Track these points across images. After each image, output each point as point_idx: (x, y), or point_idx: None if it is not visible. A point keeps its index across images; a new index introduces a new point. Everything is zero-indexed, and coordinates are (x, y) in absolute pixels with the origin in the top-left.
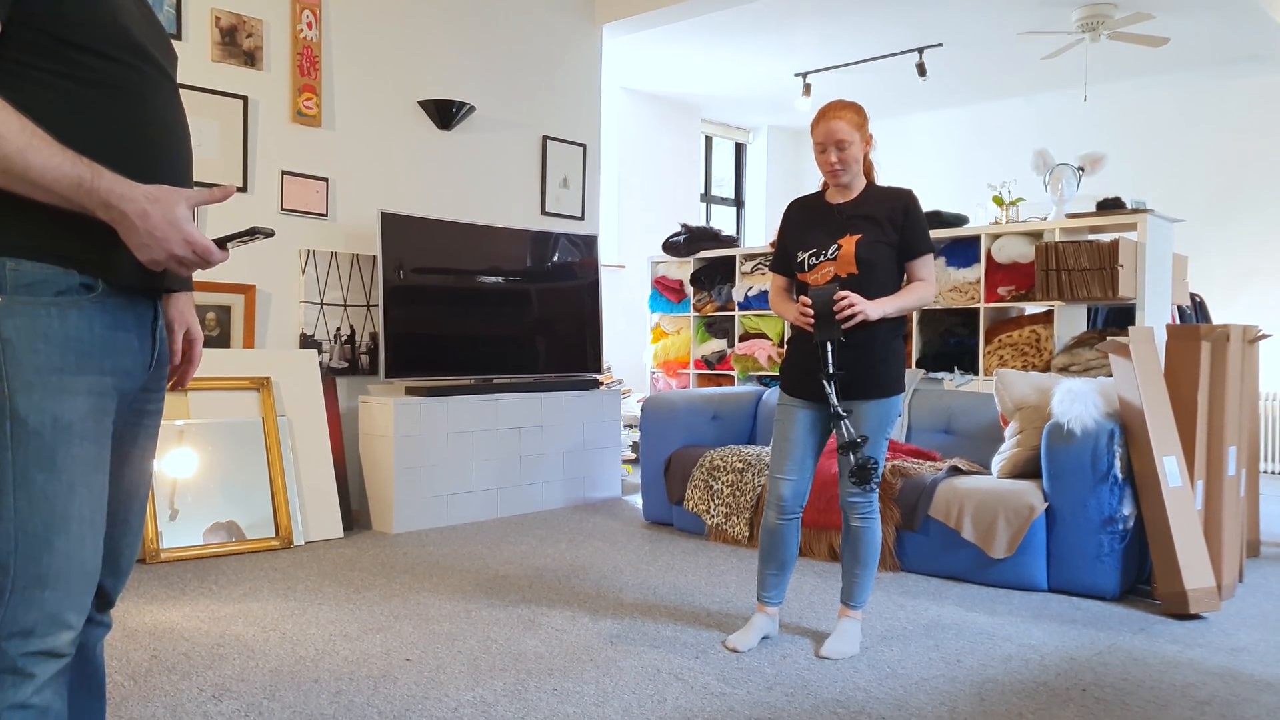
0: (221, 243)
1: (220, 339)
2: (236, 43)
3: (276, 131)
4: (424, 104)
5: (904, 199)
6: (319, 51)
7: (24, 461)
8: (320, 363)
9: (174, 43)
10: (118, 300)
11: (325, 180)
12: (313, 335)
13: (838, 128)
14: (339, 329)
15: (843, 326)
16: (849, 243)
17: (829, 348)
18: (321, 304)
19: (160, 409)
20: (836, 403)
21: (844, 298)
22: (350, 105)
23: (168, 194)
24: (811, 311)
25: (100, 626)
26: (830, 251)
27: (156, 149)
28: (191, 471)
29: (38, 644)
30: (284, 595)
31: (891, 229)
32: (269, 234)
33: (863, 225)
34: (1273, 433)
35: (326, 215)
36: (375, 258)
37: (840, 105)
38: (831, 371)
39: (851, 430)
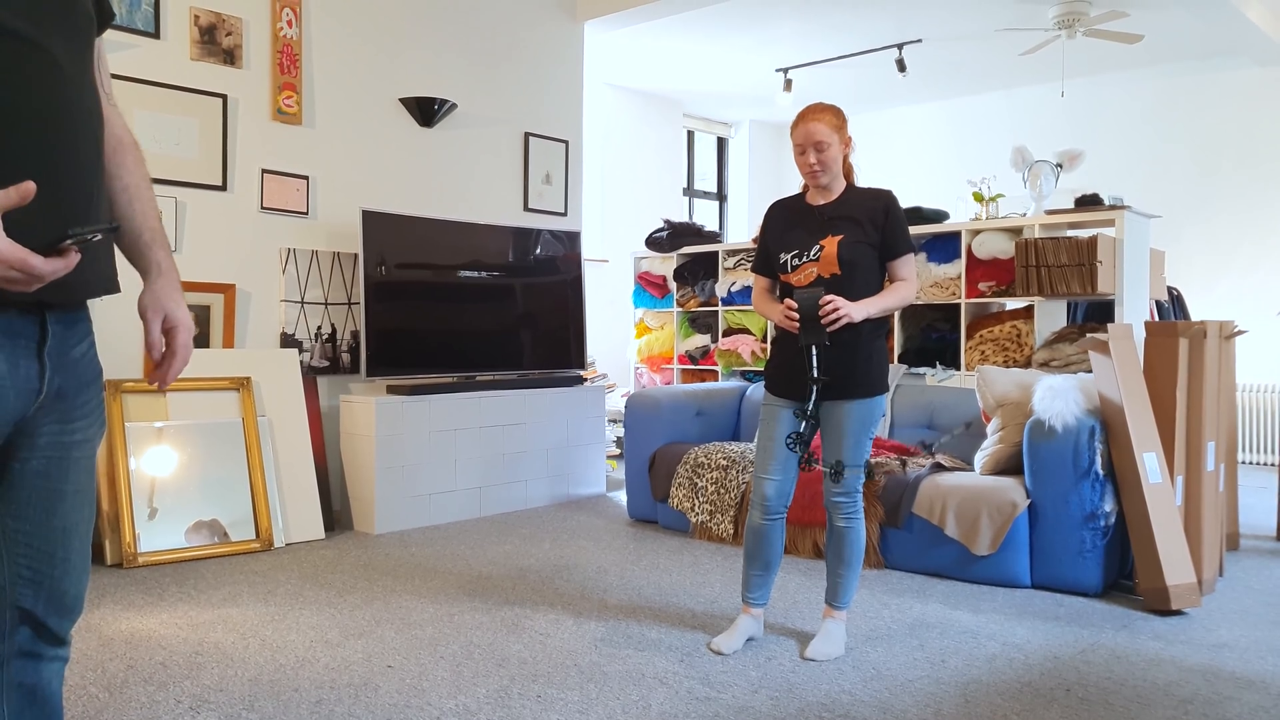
0: (60, 247)
1: (200, 339)
2: (216, 41)
3: (257, 130)
4: (405, 101)
5: (884, 199)
6: (299, 49)
7: None
8: (301, 362)
9: (152, 41)
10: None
11: (306, 178)
12: (293, 334)
13: (816, 129)
14: (320, 328)
15: (828, 330)
16: (831, 243)
17: (814, 351)
18: (302, 303)
19: (91, 437)
20: (811, 407)
21: (829, 302)
22: (331, 103)
23: None
24: (797, 315)
25: (55, 661)
26: (812, 252)
27: (26, 138)
28: (170, 473)
29: None
30: (264, 600)
31: (873, 229)
32: (113, 229)
33: (844, 226)
34: (1250, 424)
35: (307, 213)
36: (356, 256)
37: (819, 108)
38: (817, 376)
39: (807, 434)
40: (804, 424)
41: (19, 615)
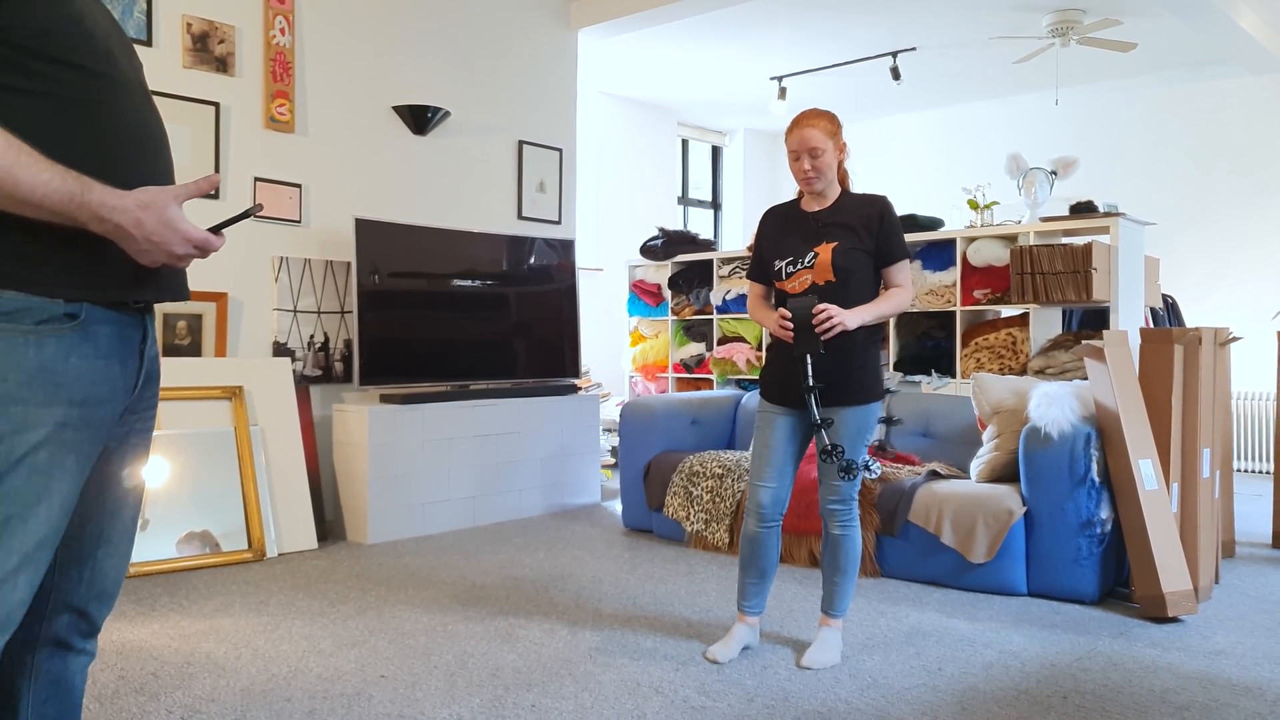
0: (216, 229)
1: (191, 348)
2: (208, 49)
3: (249, 137)
4: (398, 109)
5: (879, 206)
6: (292, 57)
7: None
8: (293, 371)
9: (145, 49)
10: (104, 327)
11: (299, 186)
12: (286, 343)
13: (811, 135)
14: (312, 336)
15: (822, 338)
16: (826, 250)
17: (809, 360)
18: (295, 311)
19: (150, 426)
20: (817, 415)
21: (823, 310)
22: (324, 111)
23: (156, 196)
24: (791, 324)
25: (83, 655)
26: (807, 259)
27: (133, 158)
28: (162, 483)
29: None
30: (256, 610)
31: (868, 236)
32: (259, 209)
33: (839, 233)
34: (1245, 431)
35: (300, 221)
36: (349, 264)
37: (813, 114)
38: (812, 385)
39: (830, 437)
40: (821, 435)
41: (61, 601)
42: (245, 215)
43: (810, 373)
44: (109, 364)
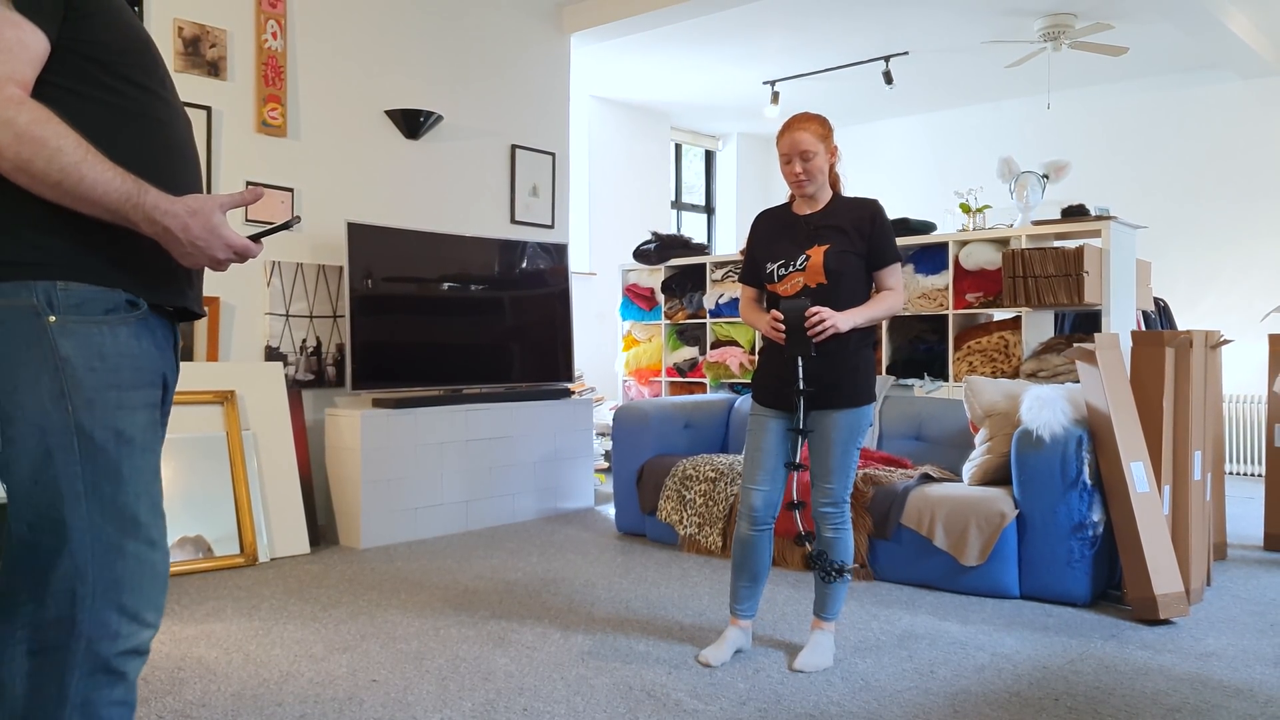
0: (256, 238)
1: (184, 352)
2: (200, 53)
3: (241, 142)
4: (391, 113)
5: (871, 209)
6: (284, 61)
7: (93, 475)
8: (286, 375)
9: None
10: (155, 320)
11: (291, 191)
12: (278, 347)
13: (802, 139)
14: (305, 341)
15: (814, 340)
16: (817, 253)
17: (800, 362)
18: (287, 316)
19: (164, 433)
20: (801, 420)
21: (815, 313)
22: (316, 115)
23: (204, 203)
24: (783, 326)
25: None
26: (799, 262)
27: (179, 172)
28: None
29: (124, 643)
30: (248, 614)
31: (859, 239)
32: (298, 220)
33: (831, 235)
34: (1236, 435)
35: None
36: (342, 268)
37: (804, 117)
38: (802, 388)
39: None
40: (797, 443)
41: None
42: (285, 226)
43: (801, 375)
44: (167, 353)
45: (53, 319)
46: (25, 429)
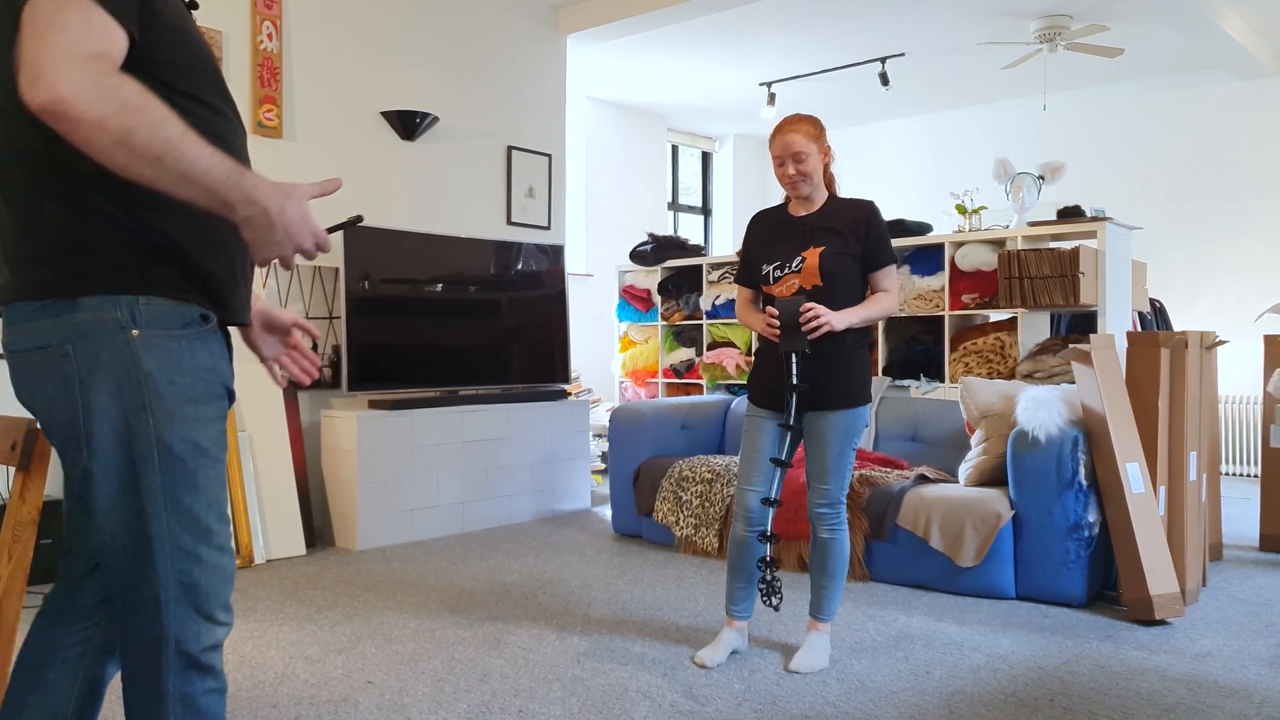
0: (329, 232)
1: None
2: None
3: None
4: (387, 114)
5: (866, 210)
6: (279, 62)
7: (172, 487)
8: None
9: None
10: (220, 332)
11: None
12: None
13: (794, 140)
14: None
15: (809, 338)
16: (813, 255)
17: (794, 359)
18: None
19: None
20: (792, 417)
21: (810, 309)
22: (312, 116)
23: (296, 189)
24: (778, 322)
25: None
26: (794, 264)
27: None
28: None
29: (206, 641)
30: (243, 616)
31: (854, 240)
32: (360, 220)
33: (826, 237)
34: (1232, 435)
35: None
36: (338, 269)
37: (796, 119)
38: (795, 384)
39: (791, 446)
40: (786, 437)
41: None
42: (350, 224)
43: (795, 372)
44: (229, 366)
45: (135, 333)
46: (109, 442)
